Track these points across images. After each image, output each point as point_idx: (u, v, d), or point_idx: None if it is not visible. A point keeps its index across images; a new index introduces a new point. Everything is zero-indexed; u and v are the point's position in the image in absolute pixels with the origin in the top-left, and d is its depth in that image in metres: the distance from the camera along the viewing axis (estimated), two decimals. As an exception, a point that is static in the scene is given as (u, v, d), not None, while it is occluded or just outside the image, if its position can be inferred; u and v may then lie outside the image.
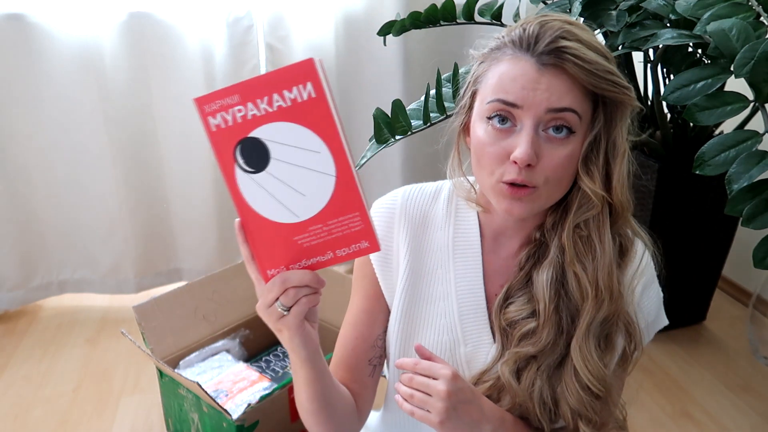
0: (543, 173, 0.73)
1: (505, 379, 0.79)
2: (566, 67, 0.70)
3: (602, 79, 0.71)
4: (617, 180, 0.75)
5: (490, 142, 0.74)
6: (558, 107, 0.71)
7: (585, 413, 0.78)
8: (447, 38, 2.06)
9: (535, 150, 0.71)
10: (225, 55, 1.99)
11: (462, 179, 0.85)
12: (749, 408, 1.66)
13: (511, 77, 0.72)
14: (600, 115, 0.74)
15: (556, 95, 0.71)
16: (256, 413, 1.30)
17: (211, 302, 1.63)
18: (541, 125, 0.72)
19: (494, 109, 0.73)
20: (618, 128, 0.75)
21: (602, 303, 0.76)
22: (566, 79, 0.71)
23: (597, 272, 0.76)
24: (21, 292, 2.09)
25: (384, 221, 0.87)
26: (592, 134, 0.74)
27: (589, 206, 0.76)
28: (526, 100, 0.71)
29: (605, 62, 0.72)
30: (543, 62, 0.71)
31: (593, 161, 0.75)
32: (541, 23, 0.73)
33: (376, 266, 0.88)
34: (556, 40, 0.71)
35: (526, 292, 0.80)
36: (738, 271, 2.13)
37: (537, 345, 0.78)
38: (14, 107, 1.91)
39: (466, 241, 0.85)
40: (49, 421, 1.62)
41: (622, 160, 0.75)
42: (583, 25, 0.75)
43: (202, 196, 2.12)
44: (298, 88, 0.56)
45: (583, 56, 0.70)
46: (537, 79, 0.71)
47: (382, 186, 2.24)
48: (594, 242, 0.77)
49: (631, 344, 0.81)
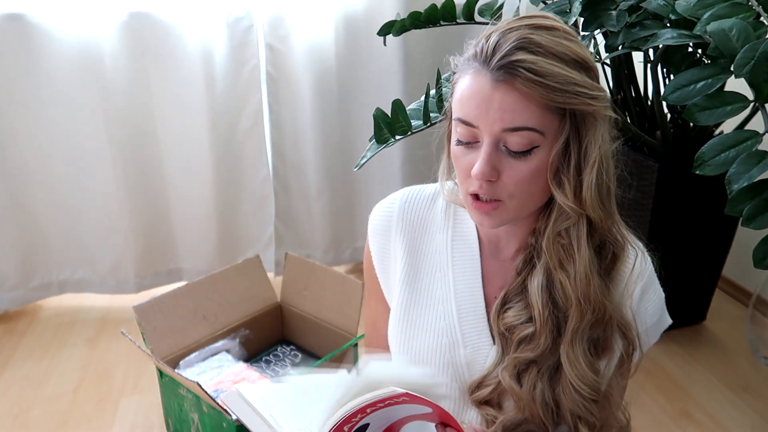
0: (505, 188, 0.72)
1: (507, 384, 0.79)
2: (517, 83, 0.67)
3: (561, 92, 0.68)
4: (587, 191, 0.72)
5: (459, 155, 0.74)
6: (512, 127, 0.69)
7: (584, 416, 0.78)
8: (447, 38, 2.06)
9: (494, 166, 0.70)
10: (225, 55, 1.99)
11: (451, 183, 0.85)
12: (749, 408, 1.66)
13: (468, 95, 0.71)
14: (566, 125, 0.71)
15: (509, 114, 0.68)
16: (256, 413, 1.30)
17: (211, 302, 1.63)
18: (501, 141, 0.71)
19: (457, 126, 0.73)
20: (590, 137, 0.71)
21: (585, 311, 0.76)
22: (519, 95, 0.68)
23: (576, 281, 0.76)
24: (21, 292, 2.09)
25: (382, 225, 0.88)
26: (558, 145, 0.71)
27: (565, 216, 0.75)
28: (480, 119, 0.70)
29: (566, 72, 0.68)
30: (496, 78, 0.68)
31: (563, 172, 0.72)
32: (503, 32, 0.70)
33: (378, 270, 0.90)
34: (511, 53, 0.67)
35: (522, 297, 0.80)
36: (738, 271, 2.13)
37: (535, 350, 0.78)
38: (14, 107, 1.91)
39: (465, 243, 0.86)
40: (49, 421, 1.62)
41: (592, 170, 0.72)
42: (560, 29, 0.71)
43: (202, 196, 2.12)
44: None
45: (538, 70, 0.67)
46: (490, 97, 0.69)
47: (382, 186, 2.24)
48: (573, 251, 0.76)
49: (629, 347, 0.80)
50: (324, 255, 2.31)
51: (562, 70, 0.68)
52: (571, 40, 0.71)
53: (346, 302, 1.62)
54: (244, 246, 2.24)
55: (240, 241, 2.23)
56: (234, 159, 2.12)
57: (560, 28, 0.71)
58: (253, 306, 1.72)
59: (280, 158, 2.16)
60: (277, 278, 2.14)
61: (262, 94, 2.08)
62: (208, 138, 2.05)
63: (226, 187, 2.14)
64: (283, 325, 1.80)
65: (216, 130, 2.06)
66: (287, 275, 1.76)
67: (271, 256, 2.23)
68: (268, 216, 2.21)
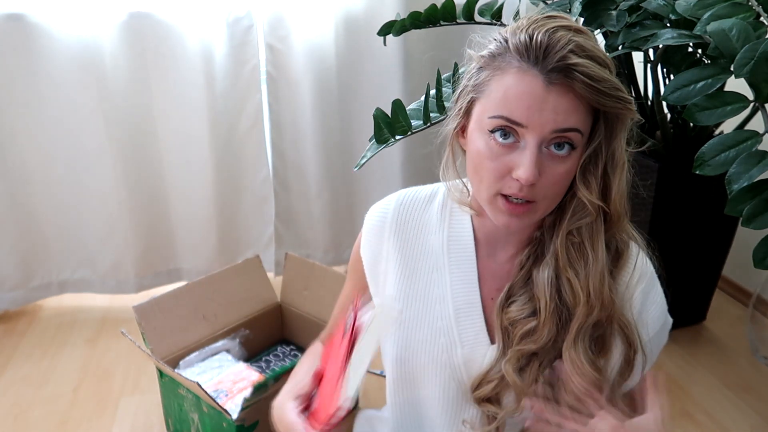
0: (543, 189, 0.72)
1: (510, 376, 0.79)
2: (576, 87, 0.68)
3: (609, 96, 0.70)
4: (616, 191, 0.75)
5: (491, 156, 0.72)
6: (563, 128, 0.69)
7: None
8: (447, 38, 2.06)
9: (538, 168, 0.70)
10: (225, 55, 1.99)
11: (456, 181, 0.85)
12: (749, 408, 1.66)
13: (517, 94, 0.70)
14: (600, 128, 0.73)
15: (562, 116, 0.69)
16: (256, 413, 1.30)
17: (211, 302, 1.63)
18: (545, 143, 0.71)
19: (497, 125, 0.71)
20: (618, 140, 0.74)
21: (593, 309, 0.76)
22: (573, 98, 0.69)
23: (589, 279, 0.76)
24: (21, 292, 2.09)
25: (376, 227, 0.89)
26: (591, 147, 0.73)
27: (583, 214, 0.76)
28: (531, 120, 0.69)
29: (611, 77, 0.70)
30: (551, 80, 0.68)
31: (591, 172, 0.74)
32: (549, 32, 0.69)
33: (366, 267, 0.91)
34: (567, 56, 0.68)
35: (526, 290, 0.81)
36: (738, 271, 2.13)
37: (538, 342, 0.78)
38: (14, 107, 1.91)
39: (460, 244, 0.86)
40: (49, 421, 1.62)
41: (621, 172, 0.74)
42: (589, 33, 0.73)
43: (202, 196, 2.12)
44: None
45: (593, 75, 0.68)
46: (544, 98, 0.69)
47: (382, 186, 2.24)
48: (586, 249, 0.76)
49: (631, 349, 0.80)
50: (324, 255, 2.31)
51: (609, 76, 0.70)
52: (596, 44, 0.73)
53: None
54: (244, 246, 2.24)
55: (240, 241, 2.23)
56: (234, 159, 2.12)
57: (587, 32, 0.73)
58: (253, 306, 1.72)
59: (280, 158, 2.16)
60: (277, 278, 2.14)
61: (262, 94, 2.08)
62: (208, 138, 2.05)
63: (226, 187, 2.14)
64: (283, 325, 1.80)
65: (216, 130, 2.06)
66: (287, 275, 1.76)
67: (271, 256, 2.23)
68: (268, 216, 2.21)
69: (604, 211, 0.76)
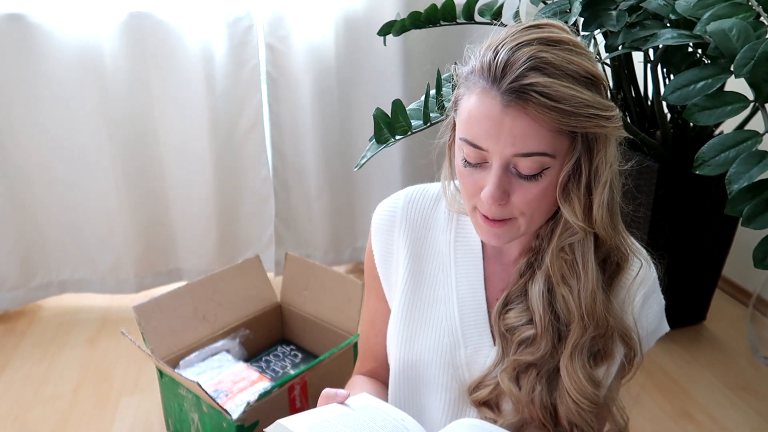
0: (516, 208, 0.71)
1: (505, 386, 0.79)
2: (530, 108, 0.64)
3: (575, 115, 0.65)
4: (597, 210, 0.71)
5: (466, 173, 0.72)
6: (524, 152, 0.67)
7: (579, 423, 0.78)
8: (447, 38, 2.06)
9: (504, 188, 0.69)
10: (225, 55, 1.99)
11: (455, 192, 0.85)
12: (749, 408, 1.66)
13: (477, 117, 0.68)
14: (577, 145, 0.69)
15: (521, 140, 0.66)
16: (256, 413, 1.30)
17: (211, 302, 1.63)
18: (511, 164, 0.69)
19: (464, 146, 0.71)
20: (600, 156, 0.69)
21: (587, 328, 0.76)
22: (530, 120, 0.65)
23: (580, 298, 0.75)
24: (21, 292, 2.09)
25: (385, 224, 0.88)
26: (570, 164, 0.69)
27: (572, 231, 0.74)
28: (489, 143, 0.68)
29: (579, 93, 0.65)
30: (507, 101, 0.65)
31: (573, 190, 0.71)
32: (513, 48, 0.66)
33: (379, 269, 0.90)
34: (523, 75, 0.64)
35: (524, 299, 0.80)
36: (738, 271, 2.13)
37: (535, 354, 0.78)
38: (14, 107, 1.91)
39: (468, 245, 0.85)
40: (49, 421, 1.62)
41: (603, 189, 0.70)
42: (569, 42, 0.68)
43: (202, 196, 2.12)
44: None
45: (552, 94, 0.64)
46: (500, 121, 0.66)
47: (382, 186, 2.24)
48: (578, 267, 0.75)
49: (631, 353, 0.81)
50: (324, 255, 2.31)
51: (576, 92, 0.65)
52: (580, 54, 0.68)
53: (346, 302, 1.62)
54: (244, 246, 2.24)
55: (240, 241, 2.23)
56: (234, 159, 2.12)
57: (569, 41, 0.68)
58: (253, 306, 1.72)
59: (280, 158, 2.16)
60: (277, 278, 2.14)
61: (262, 94, 2.08)
62: (208, 138, 2.05)
63: (226, 187, 2.14)
64: (283, 325, 1.80)
65: (216, 130, 2.06)
66: (287, 275, 1.76)
67: (271, 256, 2.23)
68: (268, 216, 2.21)
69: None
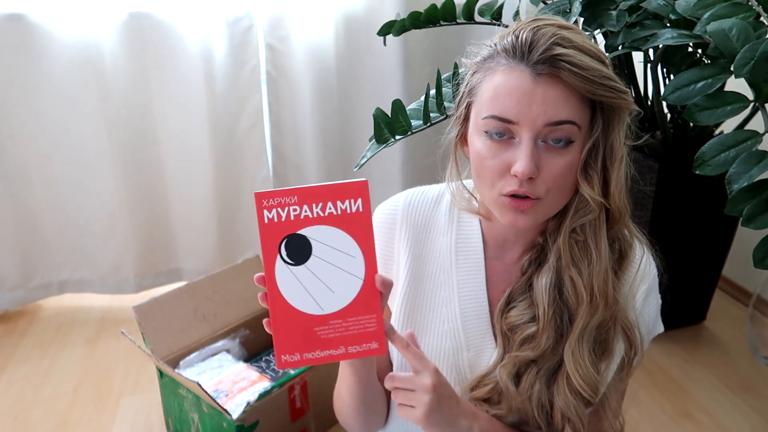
0: (544, 184, 0.72)
1: (503, 382, 0.79)
2: (562, 76, 0.68)
3: (600, 85, 0.69)
4: (615, 185, 0.74)
5: (490, 155, 0.73)
6: (556, 120, 0.69)
7: (572, 417, 0.78)
8: (447, 38, 2.06)
9: (535, 162, 0.70)
10: (225, 55, 1.99)
11: (462, 190, 0.84)
12: (749, 408, 1.66)
13: (506, 91, 0.70)
14: (598, 121, 0.72)
15: (552, 108, 0.69)
16: (255, 413, 1.30)
17: (211, 302, 1.63)
18: (540, 137, 0.71)
19: (490, 125, 0.72)
20: (616, 133, 0.73)
21: (597, 308, 0.76)
22: (563, 88, 0.69)
23: (592, 277, 0.76)
24: (21, 292, 2.09)
25: (385, 227, 0.88)
26: (591, 140, 0.73)
27: (585, 211, 0.75)
28: (521, 115, 0.69)
29: (602, 67, 0.70)
30: (538, 72, 0.69)
31: (592, 167, 0.73)
32: (534, 29, 0.70)
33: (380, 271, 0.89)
34: (551, 48, 0.68)
35: (527, 296, 0.80)
36: (738, 271, 2.13)
37: (536, 350, 0.78)
38: (14, 107, 1.91)
39: (469, 247, 0.85)
40: (49, 421, 1.62)
41: (620, 165, 0.74)
42: (578, 29, 0.74)
43: (202, 196, 2.12)
44: (350, 201, 0.68)
45: (580, 63, 0.68)
46: (532, 91, 0.69)
47: (382, 186, 2.24)
48: (590, 247, 0.76)
49: (632, 350, 0.80)
50: (324, 255, 2.30)
51: (598, 65, 0.70)
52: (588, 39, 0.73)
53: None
54: (244, 246, 2.24)
55: (240, 241, 2.23)
56: (234, 159, 2.12)
57: (576, 29, 0.73)
58: (253, 306, 1.71)
59: (280, 158, 2.16)
60: (277, 278, 2.14)
61: (262, 94, 2.08)
62: (208, 138, 2.05)
63: (226, 187, 2.14)
64: (283, 325, 1.80)
65: (216, 130, 2.06)
66: (287, 275, 1.76)
67: (271, 256, 2.22)
68: (268, 216, 2.21)
69: (606, 207, 0.76)
